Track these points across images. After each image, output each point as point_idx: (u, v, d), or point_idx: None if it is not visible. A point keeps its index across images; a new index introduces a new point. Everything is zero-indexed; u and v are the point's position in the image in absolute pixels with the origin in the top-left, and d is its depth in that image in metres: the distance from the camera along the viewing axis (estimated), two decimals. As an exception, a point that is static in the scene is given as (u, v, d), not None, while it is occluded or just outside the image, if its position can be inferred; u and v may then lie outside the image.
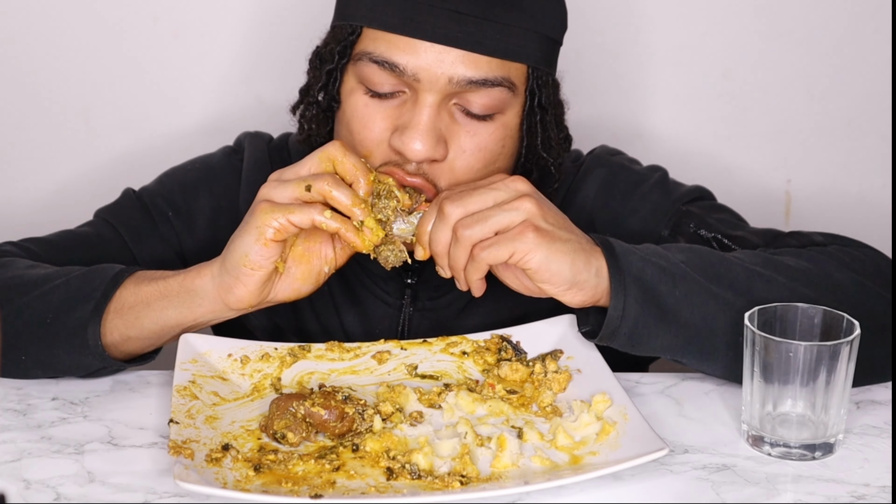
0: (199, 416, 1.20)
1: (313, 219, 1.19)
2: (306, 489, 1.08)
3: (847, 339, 1.13)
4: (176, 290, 1.26)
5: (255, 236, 1.20)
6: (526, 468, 1.13)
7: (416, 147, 1.28)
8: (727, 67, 1.94)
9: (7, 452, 1.16)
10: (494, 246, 1.18)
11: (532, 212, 1.19)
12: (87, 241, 1.45)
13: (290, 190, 1.20)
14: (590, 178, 1.48)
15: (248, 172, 1.50)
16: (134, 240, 1.46)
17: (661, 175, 1.48)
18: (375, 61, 1.30)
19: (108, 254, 1.44)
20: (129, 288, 1.28)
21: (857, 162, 2.00)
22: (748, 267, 1.25)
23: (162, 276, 1.28)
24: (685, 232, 1.42)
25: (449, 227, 1.20)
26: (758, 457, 1.16)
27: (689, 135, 1.96)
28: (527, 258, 1.18)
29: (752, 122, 1.97)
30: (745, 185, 1.98)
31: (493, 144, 1.33)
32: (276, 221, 1.19)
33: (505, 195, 1.20)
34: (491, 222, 1.19)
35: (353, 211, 1.20)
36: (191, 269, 1.27)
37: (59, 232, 1.47)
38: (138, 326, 1.27)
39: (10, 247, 1.41)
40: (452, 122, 1.31)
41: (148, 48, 1.88)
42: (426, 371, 1.33)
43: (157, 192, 1.50)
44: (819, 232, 1.40)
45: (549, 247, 1.19)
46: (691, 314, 1.22)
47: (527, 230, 1.18)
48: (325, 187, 1.20)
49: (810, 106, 1.97)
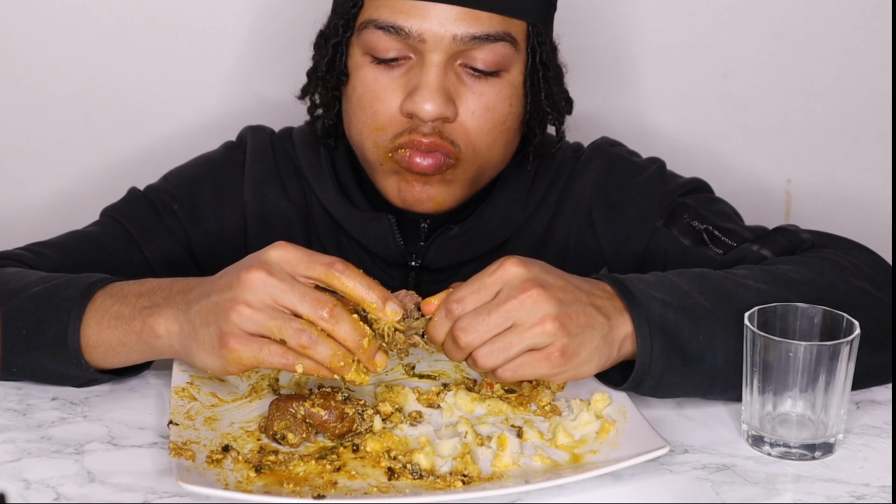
0: (198, 417, 1.20)
1: (285, 368, 1.12)
2: (308, 490, 1.08)
3: (847, 339, 1.13)
4: (135, 340, 1.20)
5: (221, 367, 1.14)
6: (527, 467, 1.13)
7: (428, 107, 1.31)
8: (727, 67, 1.94)
9: (7, 452, 1.16)
10: (520, 371, 1.14)
11: (556, 335, 1.13)
12: (96, 241, 1.45)
13: (264, 330, 1.11)
14: (588, 167, 1.49)
15: (251, 162, 1.51)
16: (142, 236, 1.47)
17: (658, 166, 1.49)
18: (380, 27, 1.33)
19: (117, 252, 1.45)
20: (90, 325, 1.21)
21: (857, 162, 2.00)
22: (759, 287, 1.23)
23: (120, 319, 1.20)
24: (679, 223, 1.42)
25: (464, 354, 1.15)
26: (758, 457, 1.16)
27: (689, 134, 1.96)
28: (554, 379, 1.17)
29: (752, 121, 1.97)
30: (745, 184, 1.98)
31: (501, 104, 1.36)
32: (244, 365, 1.12)
33: (524, 317, 1.13)
34: (513, 352, 1.13)
35: (332, 370, 1.12)
36: (147, 320, 1.18)
37: (68, 233, 1.48)
38: (109, 362, 1.24)
39: (20, 251, 1.41)
40: (460, 83, 1.34)
41: (148, 48, 1.88)
42: (424, 371, 1.33)
43: (162, 189, 1.51)
44: (807, 230, 1.41)
45: (573, 365, 1.15)
46: (714, 356, 1.19)
47: (553, 356, 1.13)
48: (299, 347, 1.10)
49: (810, 106, 1.97)
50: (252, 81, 1.90)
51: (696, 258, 1.40)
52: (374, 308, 1.12)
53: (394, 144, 1.36)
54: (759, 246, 1.37)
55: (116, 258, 1.44)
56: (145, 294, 1.20)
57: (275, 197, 1.51)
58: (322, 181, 1.49)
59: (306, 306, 1.10)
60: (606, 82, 1.94)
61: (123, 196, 1.52)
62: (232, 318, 1.11)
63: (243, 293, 1.10)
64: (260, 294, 1.10)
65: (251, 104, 1.91)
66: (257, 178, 1.51)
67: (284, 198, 1.51)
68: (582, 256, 1.48)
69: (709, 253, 1.39)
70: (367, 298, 1.12)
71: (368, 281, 1.13)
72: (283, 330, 1.10)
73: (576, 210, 1.48)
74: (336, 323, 1.10)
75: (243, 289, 1.11)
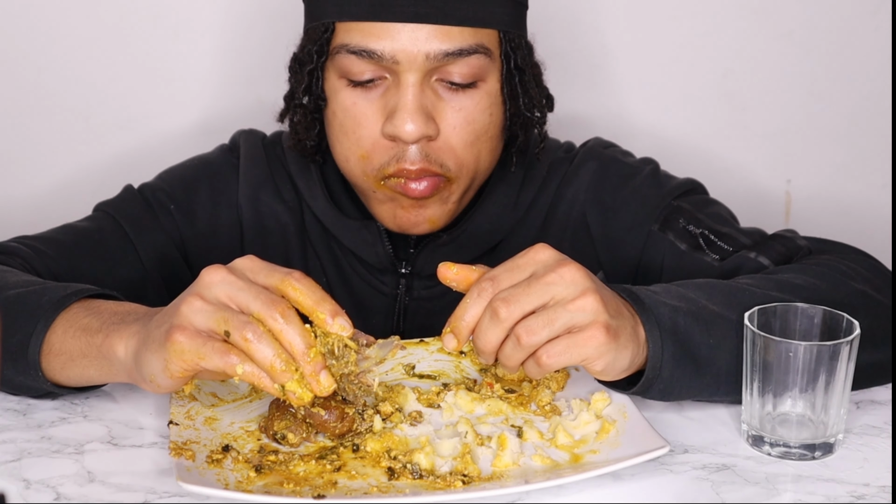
0: (198, 417, 1.20)
1: (226, 369, 1.07)
2: (308, 489, 1.08)
3: (847, 339, 1.13)
4: (94, 353, 1.17)
5: (163, 367, 1.09)
6: (527, 467, 1.13)
7: (409, 128, 1.31)
8: (727, 67, 1.94)
9: (7, 452, 1.16)
10: (565, 354, 1.10)
11: (599, 310, 1.10)
12: (89, 236, 1.45)
13: (210, 322, 1.07)
14: (582, 170, 1.48)
15: (245, 167, 1.51)
16: (135, 232, 1.46)
17: (652, 168, 1.48)
18: (353, 52, 1.33)
19: (109, 247, 1.45)
20: (57, 333, 1.19)
21: (857, 162, 2.00)
22: (765, 293, 1.23)
23: (87, 331, 1.17)
24: (674, 227, 1.42)
25: (505, 329, 1.10)
26: (758, 457, 1.16)
27: (689, 135, 1.96)
28: (596, 362, 1.12)
29: (752, 122, 1.97)
30: (745, 185, 1.98)
31: (481, 115, 1.36)
32: (185, 363, 1.07)
33: (564, 291, 1.10)
34: (558, 326, 1.09)
35: (271, 374, 1.07)
36: (110, 332, 1.15)
37: (60, 227, 1.47)
38: (64, 375, 1.21)
39: (15, 245, 1.41)
40: (438, 100, 1.34)
41: (148, 48, 1.88)
42: (424, 371, 1.33)
43: (157, 187, 1.51)
44: (803, 236, 1.40)
45: (616, 347, 1.12)
46: (724, 360, 1.18)
47: (598, 332, 1.10)
48: (241, 341, 1.06)
49: (810, 106, 1.97)
50: (252, 82, 1.91)
51: (693, 264, 1.40)
52: (322, 320, 1.09)
53: (382, 174, 1.36)
54: (756, 253, 1.37)
55: (108, 253, 1.44)
56: (120, 314, 1.18)
57: (270, 202, 1.51)
58: (311, 189, 1.49)
59: (258, 304, 1.07)
60: (606, 82, 1.94)
61: (118, 193, 1.52)
62: (182, 310, 1.08)
63: (199, 288, 1.09)
64: (215, 290, 1.08)
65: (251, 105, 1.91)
66: (252, 182, 1.51)
67: (279, 202, 1.51)
68: (576, 260, 1.47)
69: (706, 259, 1.39)
70: (318, 309, 1.08)
71: (323, 294, 1.10)
72: (230, 321, 1.06)
73: (569, 214, 1.47)
74: (286, 324, 1.06)
75: (200, 285, 1.09)
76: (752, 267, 1.36)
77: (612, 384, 1.22)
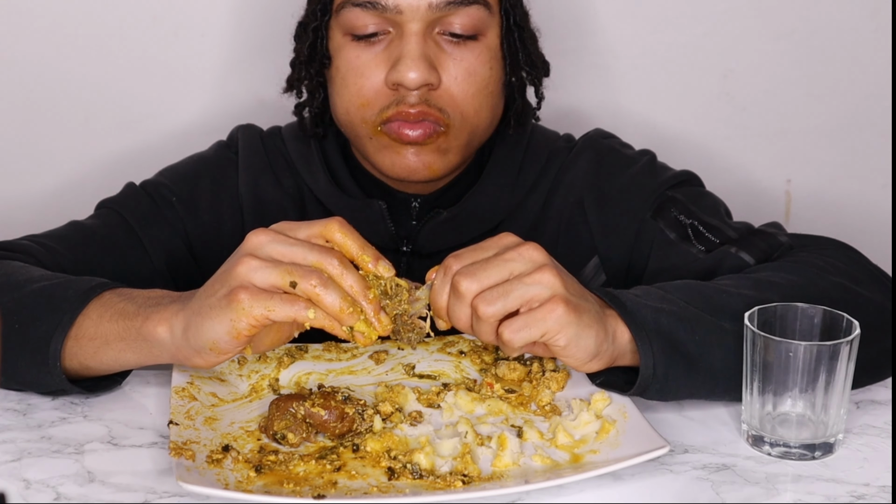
0: (198, 417, 1.20)
1: (296, 317, 1.10)
2: (308, 489, 1.08)
3: (847, 338, 1.13)
4: (134, 336, 1.18)
5: (228, 328, 1.10)
6: (527, 467, 1.13)
7: (412, 75, 1.35)
8: (727, 67, 1.94)
9: (7, 452, 1.16)
10: (525, 329, 1.12)
11: (556, 285, 1.12)
12: (96, 232, 1.47)
13: (273, 277, 1.10)
14: (580, 158, 1.51)
15: (244, 157, 1.54)
16: (141, 226, 1.48)
17: (649, 158, 1.52)
18: (357, 4, 1.38)
19: (117, 242, 1.46)
20: (91, 317, 1.21)
21: (857, 162, 2.00)
22: (743, 293, 1.24)
23: (123, 315, 1.19)
24: (666, 216, 1.45)
25: (466, 304, 1.13)
26: (758, 457, 1.16)
27: (689, 135, 1.96)
28: (557, 336, 1.13)
29: (752, 122, 1.97)
30: (745, 185, 1.98)
31: (481, 67, 1.40)
32: (254, 318, 1.09)
33: (522, 266, 1.13)
34: (513, 297, 1.12)
35: (340, 317, 1.11)
36: (150, 315, 1.17)
37: (68, 224, 1.49)
38: (97, 360, 1.21)
39: (27, 242, 1.42)
40: (440, 51, 1.39)
41: (148, 48, 1.88)
42: (424, 371, 1.33)
43: (159, 183, 1.53)
44: (783, 232, 1.43)
45: (577, 322, 1.13)
46: (712, 356, 1.19)
47: (556, 306, 1.12)
48: (310, 288, 1.09)
49: (810, 106, 1.97)
50: (251, 81, 1.91)
51: (679, 255, 1.42)
52: (366, 262, 1.13)
53: (381, 118, 1.39)
54: (737, 248, 1.39)
55: (117, 249, 1.46)
56: (154, 297, 1.20)
57: (270, 189, 1.52)
58: (313, 172, 1.51)
59: (314, 255, 1.11)
60: (606, 82, 1.94)
61: (121, 190, 1.54)
62: (239, 271, 1.10)
63: (250, 249, 1.12)
64: (267, 249, 1.11)
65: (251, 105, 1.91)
66: (251, 171, 1.53)
67: (279, 189, 1.52)
68: (572, 245, 1.49)
69: (691, 250, 1.41)
70: (364, 253, 1.13)
71: (364, 240, 1.14)
72: (294, 272, 1.09)
73: (567, 199, 1.50)
74: (344, 269, 1.11)
75: (250, 246, 1.12)
76: (733, 262, 1.38)
77: (610, 386, 1.23)
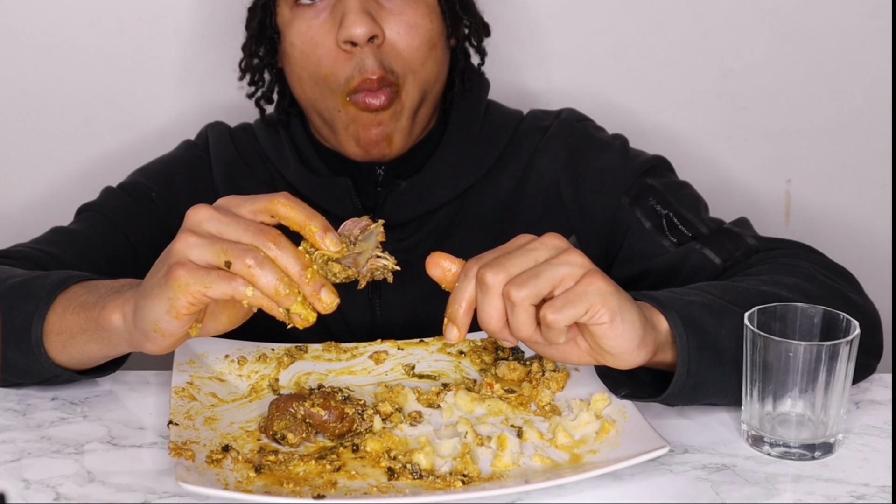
0: (198, 417, 1.20)
1: (234, 294, 1.07)
2: (308, 490, 1.08)
3: (847, 338, 1.13)
4: (94, 327, 1.17)
5: (167, 307, 1.08)
6: (526, 467, 1.13)
7: (358, 30, 1.41)
8: (727, 67, 1.94)
9: (7, 452, 1.16)
10: (568, 306, 1.06)
11: (586, 262, 1.09)
12: (82, 234, 1.49)
13: (209, 254, 1.07)
14: (554, 143, 1.54)
15: (216, 153, 1.59)
16: (125, 223, 1.51)
17: (622, 142, 1.55)
18: None
19: (104, 243, 1.48)
20: (57, 312, 1.21)
21: (857, 162, 2.00)
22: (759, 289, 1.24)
23: (85, 307, 1.19)
24: (644, 205, 1.47)
25: (496, 294, 1.08)
26: (758, 457, 1.16)
27: (689, 135, 1.96)
28: (601, 312, 1.07)
29: (752, 122, 1.97)
30: (745, 185, 1.98)
31: (422, 19, 1.46)
32: (191, 295, 1.07)
33: (546, 253, 1.09)
34: (544, 277, 1.07)
35: (276, 298, 1.07)
36: (106, 304, 1.16)
37: (51, 230, 1.51)
38: (67, 354, 1.22)
39: (20, 247, 1.44)
40: (380, 8, 1.44)
41: (148, 48, 1.88)
42: (424, 371, 1.33)
43: (135, 181, 1.57)
44: (750, 232, 1.45)
45: (618, 294, 1.08)
46: (736, 350, 1.18)
47: (594, 279, 1.07)
48: (244, 268, 1.06)
49: (810, 106, 1.97)
50: (252, 81, 1.90)
51: (649, 245, 1.45)
52: (313, 234, 1.09)
53: (348, 88, 1.44)
54: (702, 245, 1.42)
55: (105, 250, 1.48)
56: (115, 287, 1.19)
57: (243, 181, 1.56)
58: (284, 157, 1.55)
59: (249, 235, 1.07)
60: (606, 81, 1.94)
61: (98, 194, 1.57)
62: (178, 247, 1.08)
63: (189, 226, 1.09)
64: (206, 226, 1.08)
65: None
66: (223, 164, 1.57)
67: (251, 180, 1.56)
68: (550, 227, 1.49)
69: (663, 242, 1.45)
70: (310, 223, 1.09)
71: (312, 210, 1.10)
72: (229, 251, 1.06)
73: (542, 182, 1.53)
74: (279, 250, 1.07)
75: (190, 223, 1.09)
76: (697, 259, 1.41)
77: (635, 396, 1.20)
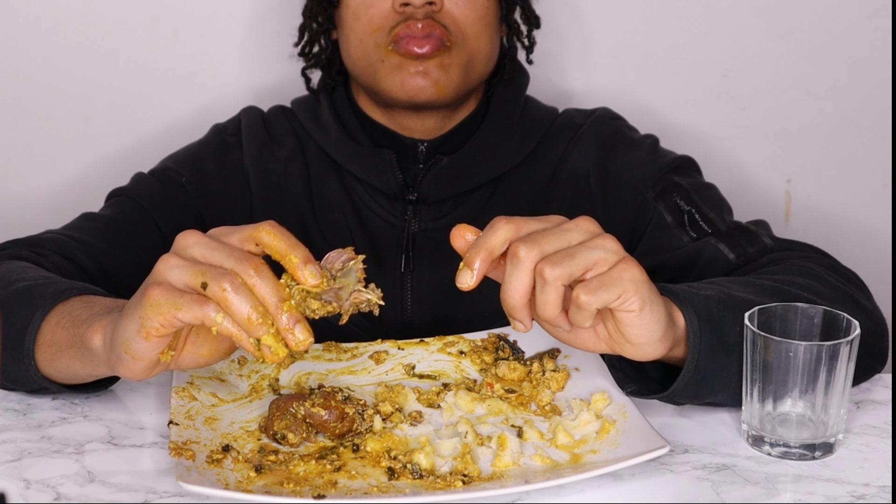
0: (198, 417, 1.20)
1: (203, 320, 1.04)
2: (308, 489, 1.08)
3: (847, 338, 1.13)
4: (79, 344, 1.15)
5: (138, 326, 1.05)
6: (527, 467, 1.13)
7: None
8: (727, 67, 1.94)
9: (7, 452, 1.16)
10: (602, 289, 1.05)
11: (620, 250, 1.08)
12: (113, 219, 1.51)
13: (187, 276, 1.05)
14: (587, 139, 1.58)
15: (247, 133, 1.61)
16: (155, 208, 1.52)
17: (652, 141, 1.59)
18: None
19: (135, 229, 1.50)
20: (51, 323, 1.19)
21: (857, 162, 2.00)
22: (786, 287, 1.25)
23: (75, 322, 1.17)
24: (668, 200, 1.50)
25: (528, 271, 1.06)
26: (758, 457, 1.16)
27: (689, 135, 1.96)
28: (632, 299, 1.07)
29: (752, 122, 1.97)
30: (745, 185, 1.98)
31: None
32: (162, 316, 1.04)
33: (581, 236, 1.08)
34: (579, 259, 1.06)
35: (247, 327, 1.04)
36: (93, 323, 1.14)
37: (82, 216, 1.52)
38: (53, 367, 1.20)
39: (50, 234, 1.45)
40: None
41: (148, 48, 1.88)
42: (424, 371, 1.33)
43: (166, 167, 1.59)
44: (767, 233, 1.46)
45: (649, 285, 1.08)
46: None
47: (629, 266, 1.07)
48: (220, 291, 1.03)
49: (810, 106, 1.97)
50: (252, 82, 1.91)
51: (668, 238, 1.48)
52: (294, 265, 1.06)
53: (391, 37, 1.49)
54: (717, 240, 1.44)
55: (136, 234, 1.50)
56: (109, 306, 1.17)
57: (272, 160, 1.58)
58: (323, 127, 1.58)
59: (232, 260, 1.05)
60: (606, 81, 1.94)
61: (130, 180, 1.58)
62: (158, 268, 1.07)
63: (175, 248, 1.08)
64: (191, 250, 1.07)
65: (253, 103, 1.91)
66: (254, 145, 1.59)
67: (279, 160, 1.58)
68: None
69: (682, 237, 1.47)
70: (292, 253, 1.06)
71: (296, 241, 1.08)
72: (206, 273, 1.04)
73: (574, 175, 1.56)
74: (258, 279, 1.04)
75: (176, 247, 1.08)
76: (712, 253, 1.42)
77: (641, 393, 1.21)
